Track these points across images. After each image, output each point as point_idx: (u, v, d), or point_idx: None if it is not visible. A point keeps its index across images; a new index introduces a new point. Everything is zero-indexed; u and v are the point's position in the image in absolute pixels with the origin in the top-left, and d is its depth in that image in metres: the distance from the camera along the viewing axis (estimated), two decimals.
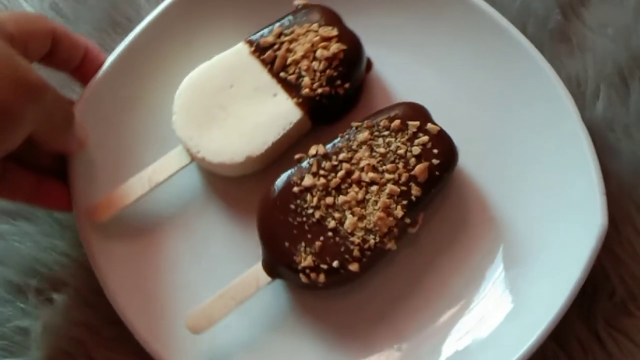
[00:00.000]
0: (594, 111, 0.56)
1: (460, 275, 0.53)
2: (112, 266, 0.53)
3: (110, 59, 0.56)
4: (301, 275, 0.50)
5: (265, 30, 0.56)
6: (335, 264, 0.49)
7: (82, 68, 0.54)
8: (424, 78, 0.58)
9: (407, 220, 0.51)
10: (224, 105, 0.54)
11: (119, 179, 0.55)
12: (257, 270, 0.51)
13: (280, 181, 0.52)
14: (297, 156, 0.53)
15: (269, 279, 0.51)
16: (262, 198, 0.52)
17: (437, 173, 0.51)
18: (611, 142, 0.55)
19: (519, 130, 0.55)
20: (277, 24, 0.56)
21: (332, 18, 0.56)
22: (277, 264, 0.50)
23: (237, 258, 0.54)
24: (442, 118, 0.53)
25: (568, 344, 0.52)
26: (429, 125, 0.52)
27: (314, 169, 0.51)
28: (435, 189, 0.51)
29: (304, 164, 0.52)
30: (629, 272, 0.53)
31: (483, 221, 0.54)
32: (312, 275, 0.49)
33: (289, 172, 0.52)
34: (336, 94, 0.54)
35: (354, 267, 0.49)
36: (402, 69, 0.58)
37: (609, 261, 0.53)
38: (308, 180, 0.51)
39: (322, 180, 0.51)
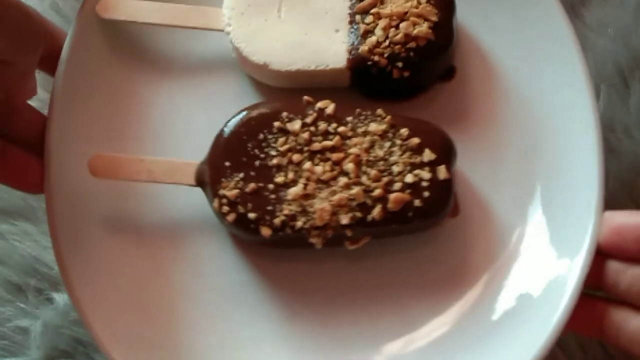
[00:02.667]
0: None
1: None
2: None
3: None
4: (215, 200, 0.45)
5: None
6: (251, 215, 0.44)
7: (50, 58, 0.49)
8: (491, 110, 0.51)
9: (348, 233, 0.45)
10: (286, 5, 0.49)
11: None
12: (189, 166, 0.47)
13: (271, 107, 0.46)
14: (306, 97, 0.47)
15: (192, 182, 0.46)
16: (247, 107, 0.47)
17: (409, 214, 0.44)
18: (611, 143, 0.54)
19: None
20: None
21: (445, 1, 0.49)
22: (206, 174, 0.46)
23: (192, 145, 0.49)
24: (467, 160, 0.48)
25: (568, 345, 0.51)
26: (441, 168, 0.45)
27: (308, 120, 0.46)
28: (398, 227, 0.45)
29: (307, 109, 0.46)
30: None
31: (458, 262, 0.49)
32: (225, 208, 0.44)
33: (286, 105, 0.46)
34: (389, 73, 0.48)
35: (265, 231, 0.44)
36: (480, 97, 0.51)
37: None
38: (294, 125, 0.45)
39: (306, 135, 0.45)
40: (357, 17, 0.48)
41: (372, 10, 0.48)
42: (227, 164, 0.45)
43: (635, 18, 0.56)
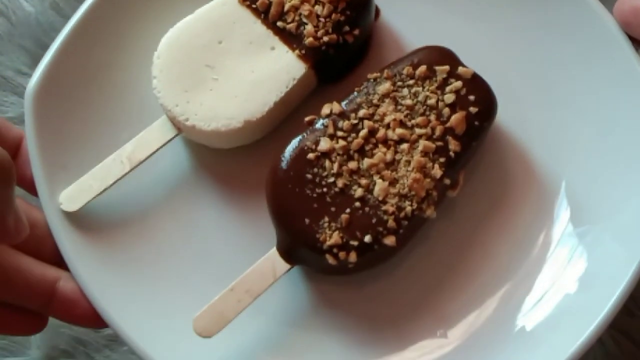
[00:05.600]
0: None
1: (508, 245, 0.46)
2: (92, 269, 0.44)
3: (72, 21, 0.47)
4: (328, 256, 0.41)
5: None
6: (367, 238, 0.41)
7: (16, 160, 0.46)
8: (441, 20, 0.50)
9: (447, 182, 0.43)
10: (214, 64, 0.46)
11: (93, 159, 0.46)
12: (272, 256, 0.43)
13: (291, 148, 0.43)
14: (307, 118, 0.44)
15: (287, 265, 0.43)
16: (271, 170, 0.43)
17: (476, 123, 0.43)
18: None
19: (566, 72, 0.47)
20: None
21: None
22: (296, 246, 0.42)
23: (243, 245, 0.46)
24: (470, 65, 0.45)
25: None
26: (461, 69, 0.44)
27: (331, 130, 0.43)
28: (475, 142, 0.44)
29: (318, 125, 0.44)
30: None
31: (528, 180, 0.47)
32: (341, 254, 0.41)
33: (299, 137, 0.44)
34: (344, 43, 0.46)
35: (389, 240, 0.41)
36: (415, 11, 0.50)
37: None
38: (325, 144, 0.43)
39: (342, 142, 0.43)
40: (278, 24, 0.46)
41: (286, 8, 0.46)
42: (307, 221, 0.42)
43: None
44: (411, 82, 0.44)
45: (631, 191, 0.44)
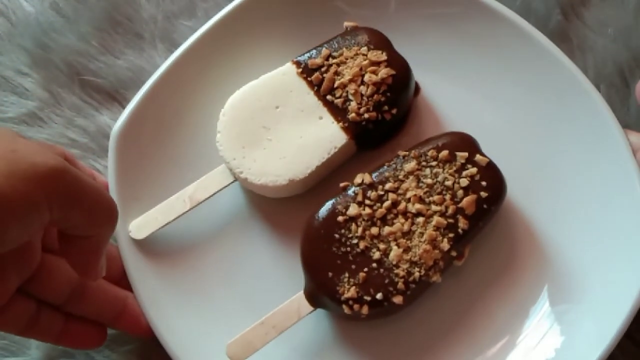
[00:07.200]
0: None
1: (506, 308, 0.52)
2: (149, 287, 0.52)
3: (156, 74, 0.56)
4: (344, 307, 0.49)
5: (314, 51, 0.55)
6: (379, 296, 0.49)
7: None
8: (473, 105, 0.57)
9: (453, 253, 0.50)
10: (269, 126, 0.54)
11: (161, 195, 0.54)
12: (299, 298, 0.51)
13: (325, 209, 0.51)
14: (342, 184, 0.52)
15: (310, 308, 0.51)
16: (306, 226, 0.51)
17: (485, 206, 0.50)
18: None
19: (570, 164, 0.54)
20: (326, 46, 0.55)
21: (381, 42, 0.55)
22: (319, 294, 0.50)
23: (279, 283, 0.54)
24: (491, 148, 0.53)
25: None
26: (478, 157, 0.51)
27: (360, 198, 0.51)
28: (482, 222, 0.50)
29: (350, 192, 0.51)
30: None
31: (530, 254, 0.53)
32: (355, 306, 0.49)
33: (333, 200, 0.51)
34: (383, 119, 0.53)
35: (397, 299, 0.49)
36: (450, 95, 0.57)
37: None
38: (353, 210, 0.50)
39: (368, 210, 0.50)
40: (328, 97, 0.54)
41: (336, 85, 0.54)
42: (330, 274, 0.49)
43: (635, 18, 0.57)
44: (434, 163, 0.51)
45: (606, 279, 0.51)
